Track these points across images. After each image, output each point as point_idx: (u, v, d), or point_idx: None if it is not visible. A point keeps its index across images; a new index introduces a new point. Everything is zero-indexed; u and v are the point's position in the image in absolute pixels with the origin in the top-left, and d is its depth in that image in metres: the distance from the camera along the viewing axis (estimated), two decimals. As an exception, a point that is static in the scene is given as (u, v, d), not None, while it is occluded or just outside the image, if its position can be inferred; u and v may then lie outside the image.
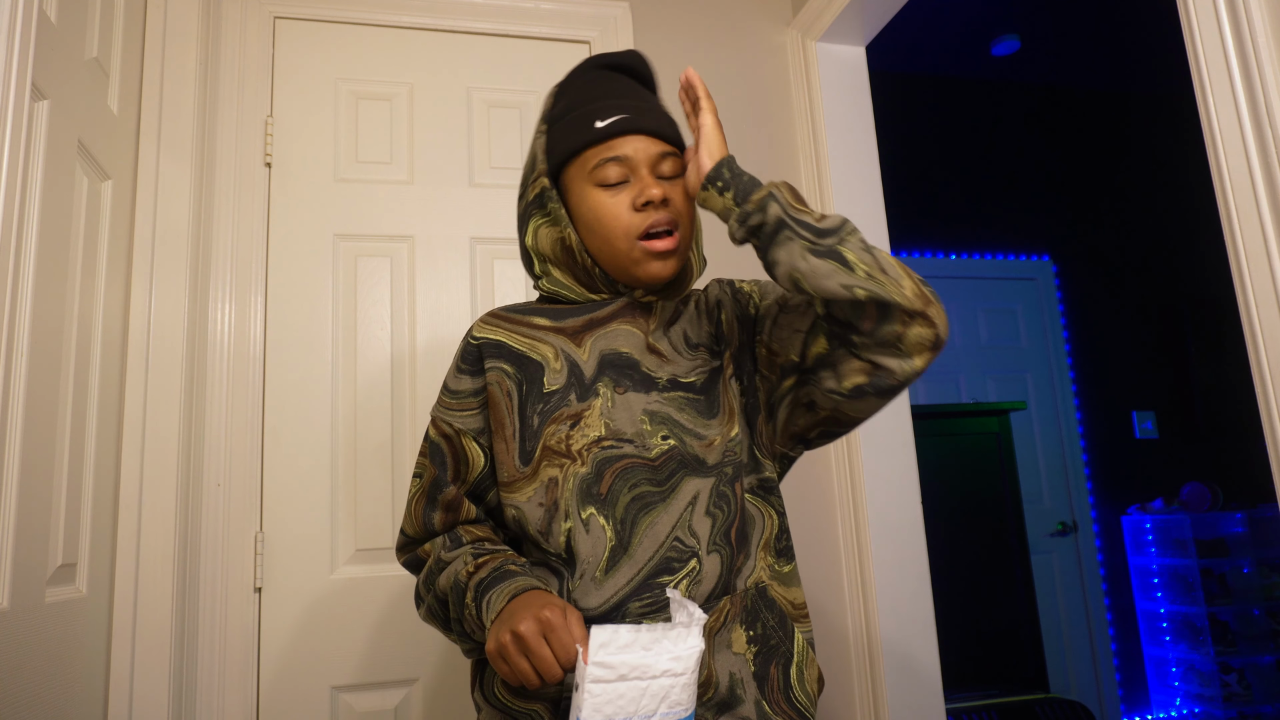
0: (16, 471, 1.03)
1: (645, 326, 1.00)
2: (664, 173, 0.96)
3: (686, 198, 0.98)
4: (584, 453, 0.93)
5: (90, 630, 1.31)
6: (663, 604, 0.89)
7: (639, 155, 0.95)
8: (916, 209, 3.81)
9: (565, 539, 0.91)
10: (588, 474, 0.92)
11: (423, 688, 1.60)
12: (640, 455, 0.92)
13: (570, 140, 0.96)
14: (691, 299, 1.06)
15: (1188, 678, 3.57)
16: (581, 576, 0.90)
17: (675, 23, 2.03)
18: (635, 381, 0.96)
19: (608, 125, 0.94)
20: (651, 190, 0.93)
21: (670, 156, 0.97)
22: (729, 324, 1.02)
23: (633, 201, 0.94)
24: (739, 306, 1.03)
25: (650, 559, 0.90)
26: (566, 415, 0.95)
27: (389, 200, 1.76)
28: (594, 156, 0.95)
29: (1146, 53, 3.89)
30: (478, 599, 0.88)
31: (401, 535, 1.03)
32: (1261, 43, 1.06)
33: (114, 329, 1.42)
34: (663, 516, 0.91)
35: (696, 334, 1.02)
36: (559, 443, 0.93)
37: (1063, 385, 3.88)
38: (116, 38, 1.45)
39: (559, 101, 1.01)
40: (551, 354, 0.98)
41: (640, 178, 0.95)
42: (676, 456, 0.93)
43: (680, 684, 0.75)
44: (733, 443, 0.96)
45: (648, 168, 0.95)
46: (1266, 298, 1.05)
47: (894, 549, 1.83)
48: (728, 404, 0.98)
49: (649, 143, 0.95)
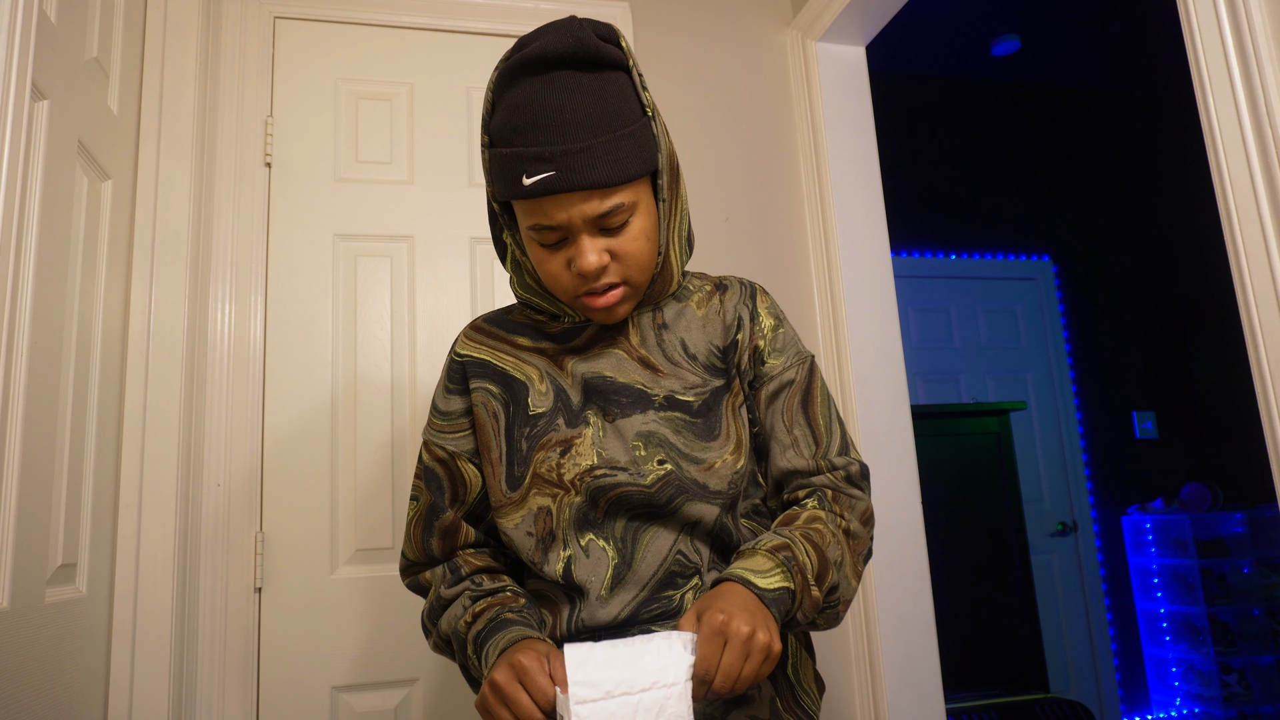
0: (16, 471, 1.03)
1: (630, 344, 0.95)
2: (608, 225, 0.85)
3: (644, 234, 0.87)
4: (577, 482, 0.89)
5: (90, 630, 1.31)
6: (674, 611, 0.88)
7: (568, 217, 0.83)
8: (916, 209, 3.81)
9: (564, 567, 0.90)
10: (582, 503, 0.89)
11: (423, 688, 1.60)
12: (635, 484, 0.88)
13: (502, 186, 0.84)
14: (694, 296, 1.00)
15: (1188, 678, 3.57)
16: (587, 596, 0.89)
17: (675, 22, 2.03)
18: (625, 405, 0.92)
19: (533, 185, 0.81)
20: (586, 260, 0.84)
21: (614, 196, 0.83)
22: (743, 351, 0.97)
23: (569, 264, 0.86)
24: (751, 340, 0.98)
25: (655, 573, 0.89)
26: (555, 441, 0.91)
27: (389, 200, 1.76)
28: (526, 214, 0.85)
29: (1146, 53, 3.89)
30: (477, 651, 0.87)
31: (403, 558, 1.02)
32: (1261, 43, 1.06)
33: (114, 329, 1.42)
34: (662, 533, 0.89)
35: (697, 342, 0.96)
36: (550, 471, 0.90)
37: (1063, 385, 3.88)
38: (116, 38, 1.45)
39: (494, 111, 0.87)
40: (536, 375, 0.95)
41: (577, 239, 0.85)
42: (674, 482, 0.89)
43: (675, 694, 0.71)
44: (737, 475, 0.91)
45: (585, 226, 0.84)
46: (1266, 298, 1.05)
47: (894, 549, 1.83)
48: (732, 430, 0.93)
49: (583, 198, 0.82)
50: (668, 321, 0.97)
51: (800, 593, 0.82)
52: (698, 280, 1.03)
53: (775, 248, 1.98)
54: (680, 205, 0.94)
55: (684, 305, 0.99)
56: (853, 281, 1.93)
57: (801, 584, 0.82)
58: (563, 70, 0.83)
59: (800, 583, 0.82)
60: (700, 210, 1.93)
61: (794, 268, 1.98)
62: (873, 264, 1.97)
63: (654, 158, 0.87)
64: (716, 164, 1.97)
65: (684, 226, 0.96)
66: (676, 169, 0.93)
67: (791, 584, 0.81)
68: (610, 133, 0.82)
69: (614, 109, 0.83)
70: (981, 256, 3.92)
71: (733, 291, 1.00)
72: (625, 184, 0.84)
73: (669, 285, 0.97)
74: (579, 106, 0.82)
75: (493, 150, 0.86)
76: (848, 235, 1.95)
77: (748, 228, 1.97)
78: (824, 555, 0.85)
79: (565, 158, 0.80)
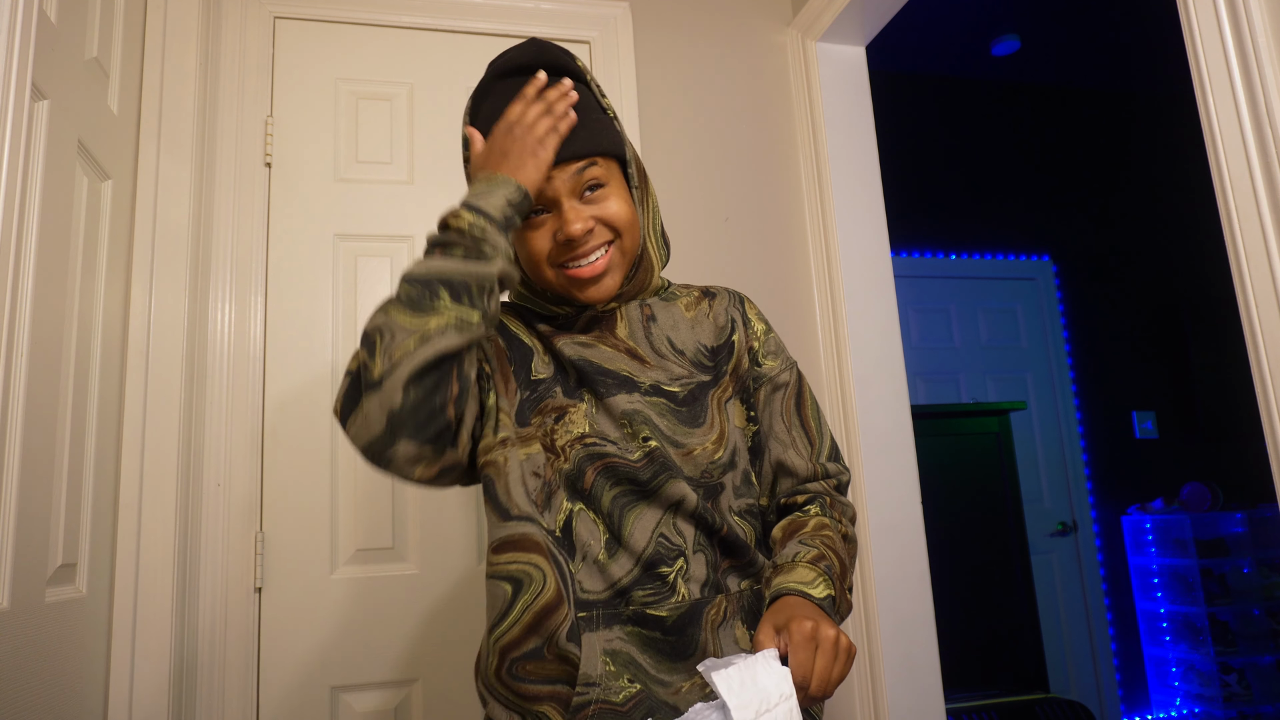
0: (16, 471, 1.03)
1: (616, 338, 0.98)
2: (587, 184, 0.92)
3: (623, 200, 0.94)
4: (567, 449, 0.91)
5: (90, 630, 1.31)
6: (665, 594, 0.89)
7: (551, 189, 0.91)
8: (916, 209, 3.81)
9: (565, 519, 0.90)
10: (570, 470, 0.90)
11: (423, 688, 1.60)
12: (623, 456, 0.91)
13: None
14: (681, 299, 1.04)
15: (1188, 678, 3.58)
16: (584, 559, 0.89)
17: (675, 22, 2.03)
18: (610, 387, 0.94)
19: None
20: (571, 227, 0.90)
21: (590, 166, 0.92)
22: (739, 351, 1.02)
23: (554, 234, 0.92)
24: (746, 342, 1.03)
25: (645, 548, 0.89)
26: (552, 407, 0.93)
27: (389, 200, 1.76)
28: None
29: (1147, 53, 3.89)
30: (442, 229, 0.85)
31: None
32: (1261, 43, 1.06)
33: (114, 329, 1.42)
34: (646, 513, 0.90)
35: (685, 340, 1.00)
36: (544, 435, 0.92)
37: (1063, 385, 3.88)
38: (116, 38, 1.45)
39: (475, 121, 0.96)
40: (540, 348, 0.98)
41: (560, 210, 0.91)
42: (659, 459, 0.91)
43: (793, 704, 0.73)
44: (714, 465, 0.94)
45: (567, 195, 0.91)
46: (1266, 298, 1.05)
47: (894, 549, 1.83)
48: (716, 421, 0.96)
49: (560, 170, 0.90)
50: (655, 315, 1.01)
51: (839, 598, 0.88)
52: (684, 288, 1.08)
53: (775, 248, 1.98)
54: (651, 202, 1.01)
55: (672, 305, 1.04)
56: (853, 281, 1.93)
57: (839, 590, 0.88)
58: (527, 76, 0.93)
59: (838, 589, 0.88)
60: (700, 210, 1.93)
61: (794, 268, 1.98)
62: (873, 264, 1.97)
63: (620, 146, 0.95)
64: (716, 164, 1.97)
65: (658, 223, 1.02)
66: (643, 170, 1.01)
67: (833, 590, 0.86)
68: (580, 114, 0.92)
69: (579, 103, 0.93)
70: (981, 256, 3.92)
71: (721, 298, 1.06)
72: (598, 155, 0.92)
73: (650, 275, 1.01)
74: None
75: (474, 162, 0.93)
76: (848, 235, 1.95)
77: (748, 228, 1.97)
78: (843, 562, 0.91)
79: None
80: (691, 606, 0.89)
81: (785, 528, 0.95)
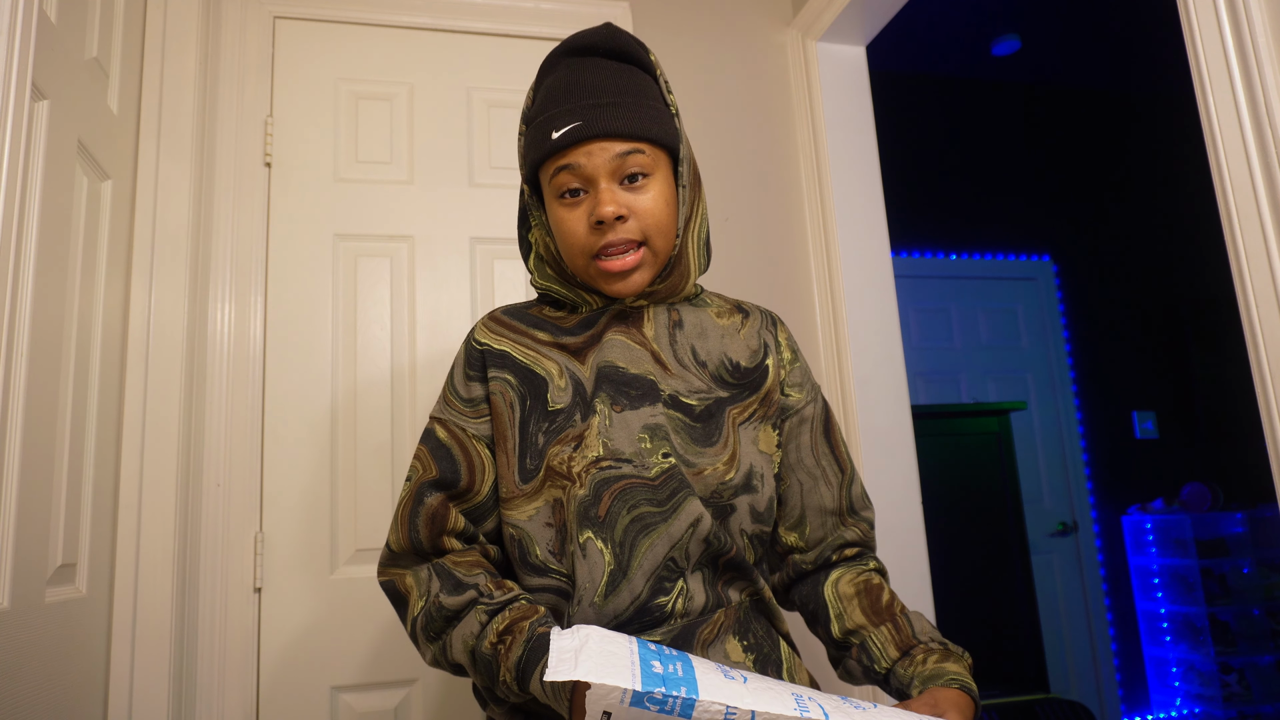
0: (16, 471, 1.03)
1: (643, 336, 0.96)
2: (629, 171, 0.89)
3: (662, 198, 0.91)
4: (583, 474, 0.89)
5: (90, 630, 1.31)
6: (659, 619, 0.88)
7: (591, 164, 0.88)
8: (916, 209, 3.81)
9: (571, 563, 0.89)
10: (585, 496, 0.89)
11: (423, 688, 1.60)
12: (639, 475, 0.89)
13: (534, 150, 0.92)
14: (712, 307, 1.03)
15: (1188, 678, 3.58)
16: (579, 602, 0.88)
17: (675, 22, 2.03)
18: (633, 397, 0.93)
19: (561, 136, 0.89)
20: (604, 208, 0.87)
21: (636, 153, 0.89)
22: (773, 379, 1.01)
23: (588, 217, 0.90)
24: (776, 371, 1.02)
25: (647, 582, 0.88)
26: (571, 436, 0.91)
27: (389, 200, 1.76)
28: (551, 167, 0.91)
29: (1146, 53, 3.89)
30: (522, 679, 0.81)
31: (385, 551, 0.95)
32: (1261, 43, 1.06)
33: (114, 329, 1.42)
34: (662, 539, 0.88)
35: (710, 350, 0.99)
36: (561, 464, 0.90)
37: (1063, 385, 3.88)
38: (116, 38, 1.45)
39: (535, 98, 0.96)
40: (556, 370, 0.95)
41: (596, 191, 0.89)
42: (677, 476, 0.90)
43: None
44: (724, 486, 0.92)
45: (606, 176, 0.89)
46: (1266, 298, 1.05)
47: (894, 549, 1.83)
48: (730, 440, 0.95)
49: (605, 147, 0.88)
50: (683, 321, 1.00)
51: None
52: (715, 296, 1.06)
53: (775, 248, 1.98)
54: (701, 208, 0.99)
55: (701, 312, 1.02)
56: (853, 281, 1.93)
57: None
58: (595, 56, 0.94)
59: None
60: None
61: (794, 268, 1.98)
62: (873, 264, 1.97)
63: (674, 138, 0.93)
64: (716, 164, 1.97)
65: (703, 230, 1.00)
66: (698, 174, 0.98)
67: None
68: (634, 98, 0.91)
69: (639, 88, 0.93)
70: (981, 256, 3.92)
71: (754, 318, 1.05)
72: (645, 140, 0.90)
73: (684, 281, 0.99)
74: (608, 79, 0.92)
75: (531, 125, 0.93)
76: (848, 235, 1.95)
77: (748, 228, 1.97)
78: None
79: (591, 110, 0.89)
80: (683, 630, 0.88)
81: (862, 590, 0.96)
